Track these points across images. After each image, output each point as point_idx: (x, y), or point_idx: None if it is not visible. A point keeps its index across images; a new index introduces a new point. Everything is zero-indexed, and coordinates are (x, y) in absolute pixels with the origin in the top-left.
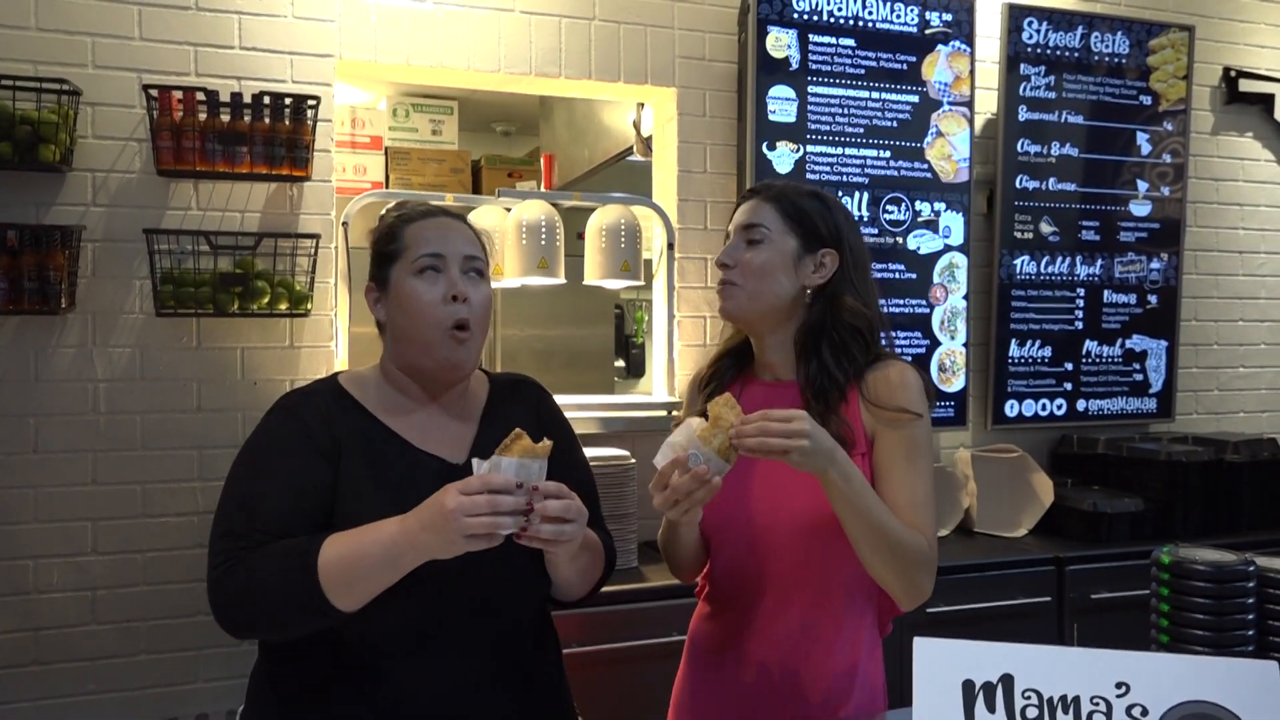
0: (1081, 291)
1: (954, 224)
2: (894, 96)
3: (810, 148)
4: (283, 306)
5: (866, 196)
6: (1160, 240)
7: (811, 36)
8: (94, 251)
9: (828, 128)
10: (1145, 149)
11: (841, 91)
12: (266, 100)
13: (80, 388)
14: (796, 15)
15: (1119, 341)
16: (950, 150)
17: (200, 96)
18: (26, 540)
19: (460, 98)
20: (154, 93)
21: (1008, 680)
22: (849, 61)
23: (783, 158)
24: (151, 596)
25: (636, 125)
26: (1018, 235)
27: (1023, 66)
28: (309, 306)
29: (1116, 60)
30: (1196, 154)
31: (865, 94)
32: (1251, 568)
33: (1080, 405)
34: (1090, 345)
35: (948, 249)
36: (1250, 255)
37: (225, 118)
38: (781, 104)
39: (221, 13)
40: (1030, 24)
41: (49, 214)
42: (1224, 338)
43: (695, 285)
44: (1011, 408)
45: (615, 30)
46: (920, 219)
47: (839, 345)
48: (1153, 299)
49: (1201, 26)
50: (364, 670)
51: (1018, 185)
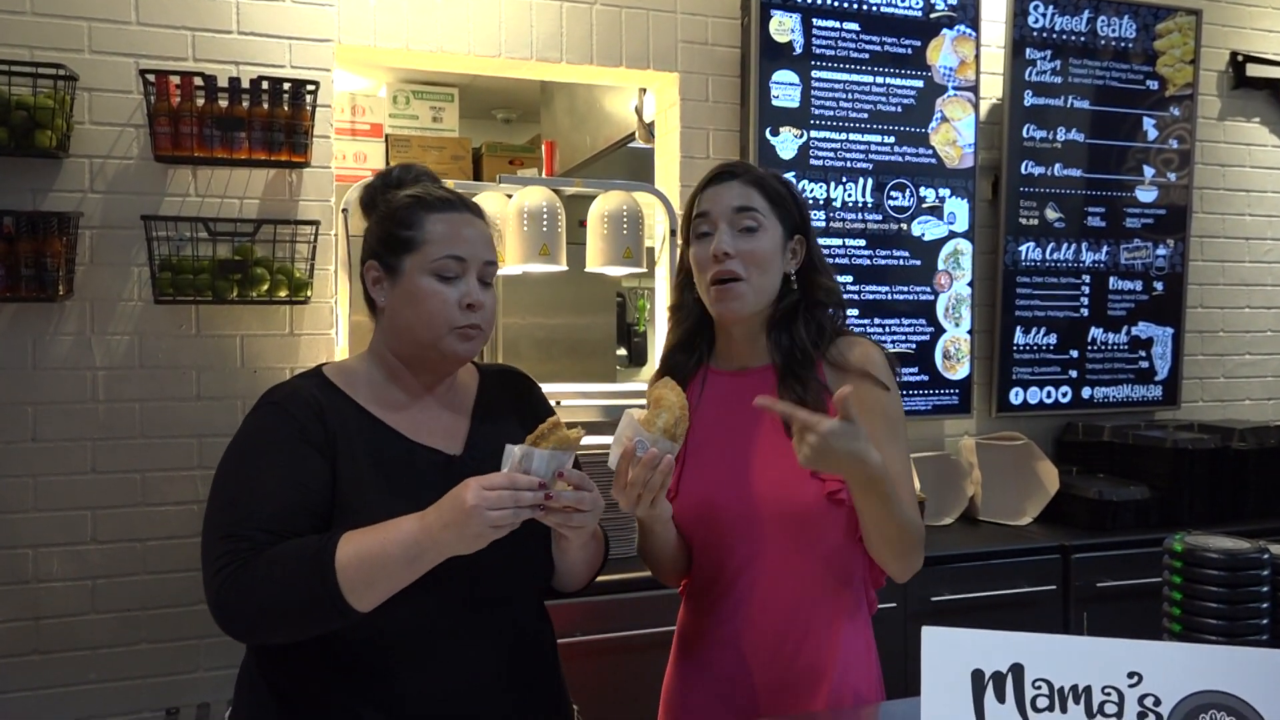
0: (1087, 278)
1: (959, 210)
2: (898, 81)
3: (814, 133)
4: (282, 293)
5: (870, 182)
6: (1166, 226)
7: (815, 20)
8: (92, 238)
9: (831, 113)
10: (1152, 134)
11: (845, 76)
12: (265, 85)
13: (79, 376)
14: None
15: (1124, 328)
16: (955, 135)
17: (198, 82)
18: (26, 529)
19: (461, 85)
20: (151, 78)
21: (1018, 670)
22: (853, 46)
23: (786, 143)
24: (152, 585)
25: (639, 111)
26: (1023, 221)
27: (1028, 51)
28: (309, 293)
29: (1123, 44)
30: (1203, 139)
31: (869, 79)
32: (1266, 555)
33: (1085, 393)
34: (1096, 332)
35: (952, 235)
36: (1257, 242)
37: (223, 103)
38: (785, 89)
39: None
40: (1036, 8)
41: (46, 200)
42: (1230, 325)
43: None
44: (1016, 395)
45: (617, 14)
46: (924, 205)
47: (812, 321)
48: (1159, 286)
49: (1209, 10)
50: (364, 667)
51: (1023, 171)
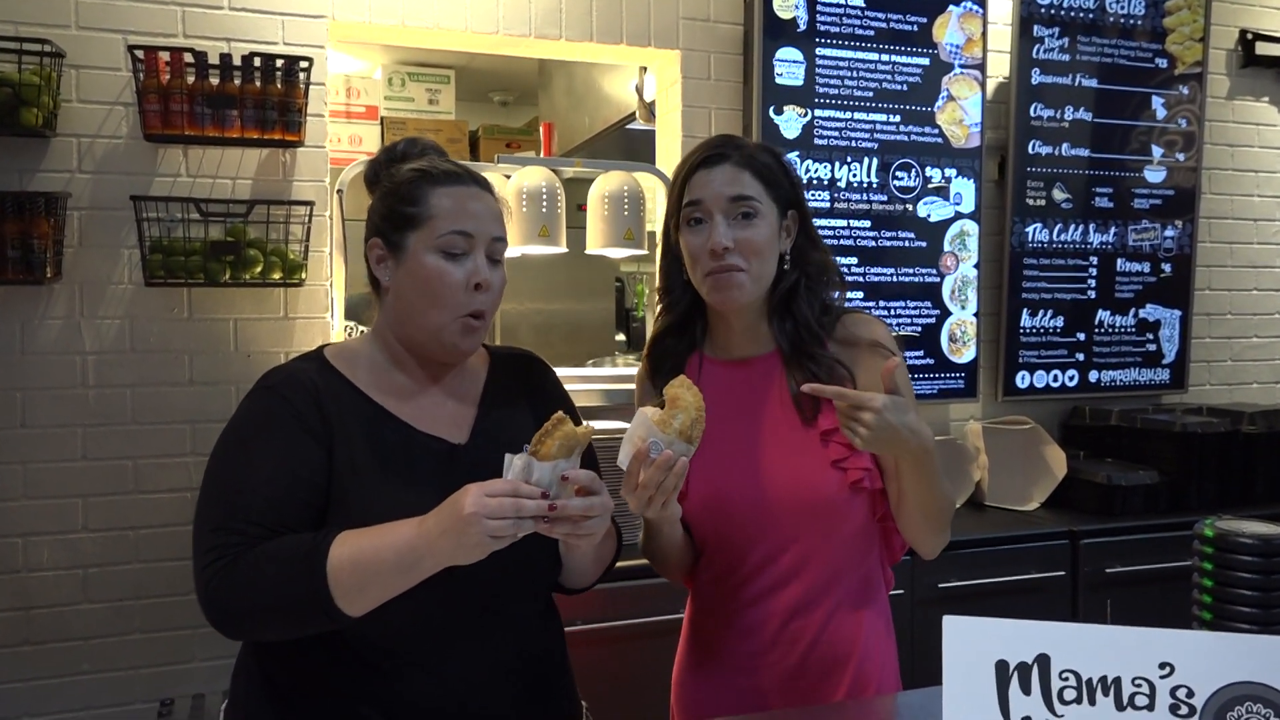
0: (1094, 260)
1: (965, 190)
2: (904, 59)
3: (818, 112)
4: (276, 276)
5: (876, 162)
6: (1174, 207)
7: None
8: (80, 220)
9: (836, 91)
10: (1160, 113)
11: (850, 54)
12: (257, 62)
13: (68, 360)
14: None
15: (1132, 311)
16: (961, 115)
17: (188, 58)
18: (16, 517)
19: (457, 66)
20: (140, 54)
21: (1043, 660)
22: (858, 23)
23: (790, 122)
24: (144, 574)
25: (639, 90)
26: (1030, 202)
27: (1036, 28)
28: (303, 276)
29: (1131, 21)
30: (1212, 119)
31: (875, 56)
32: None
33: (1092, 376)
34: (1103, 315)
35: (959, 216)
36: (1265, 223)
37: (214, 80)
38: (789, 67)
39: None
40: None
41: (33, 181)
42: (1238, 307)
43: None
44: (1023, 379)
45: None
46: (930, 185)
47: (815, 299)
48: (1166, 267)
49: None
50: (365, 665)
51: (1030, 151)
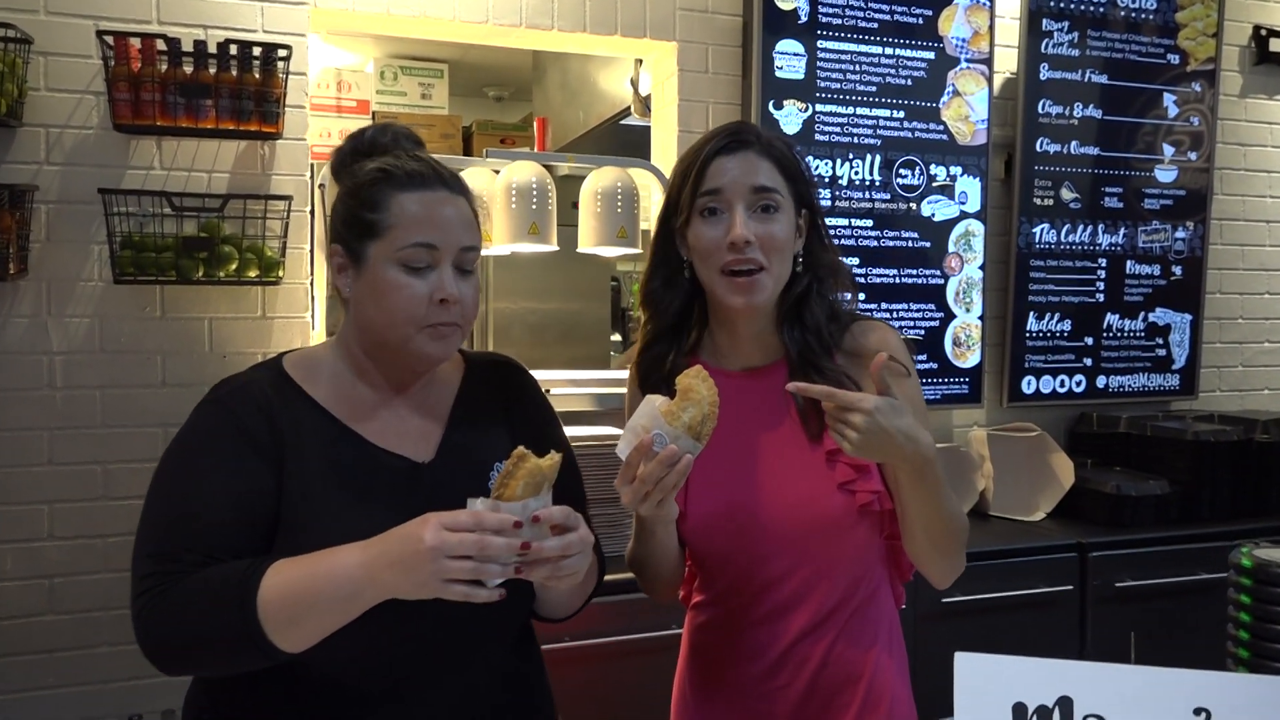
0: (1103, 262)
1: (970, 189)
2: (908, 53)
3: (819, 107)
4: (252, 274)
5: (879, 159)
6: (1185, 208)
7: None
8: (48, 214)
9: (838, 86)
10: (1172, 111)
11: (853, 47)
12: (233, 50)
13: (34, 360)
14: None
15: (1141, 315)
16: (967, 111)
17: (160, 46)
18: None
19: (451, 60)
20: (110, 40)
21: (1065, 704)
22: (861, 15)
23: (790, 117)
24: (113, 584)
25: (634, 83)
26: (1037, 202)
27: (1045, 22)
28: (280, 274)
29: (1143, 16)
30: (1224, 117)
31: (878, 50)
32: None
33: (1100, 382)
34: (1111, 319)
35: (964, 216)
36: (1278, 225)
37: (188, 68)
38: (789, 60)
39: None
40: None
41: None
42: (1250, 311)
43: None
44: (1029, 384)
45: None
46: (935, 184)
47: (823, 306)
48: (1177, 270)
49: None
50: (322, 704)
51: (1038, 148)
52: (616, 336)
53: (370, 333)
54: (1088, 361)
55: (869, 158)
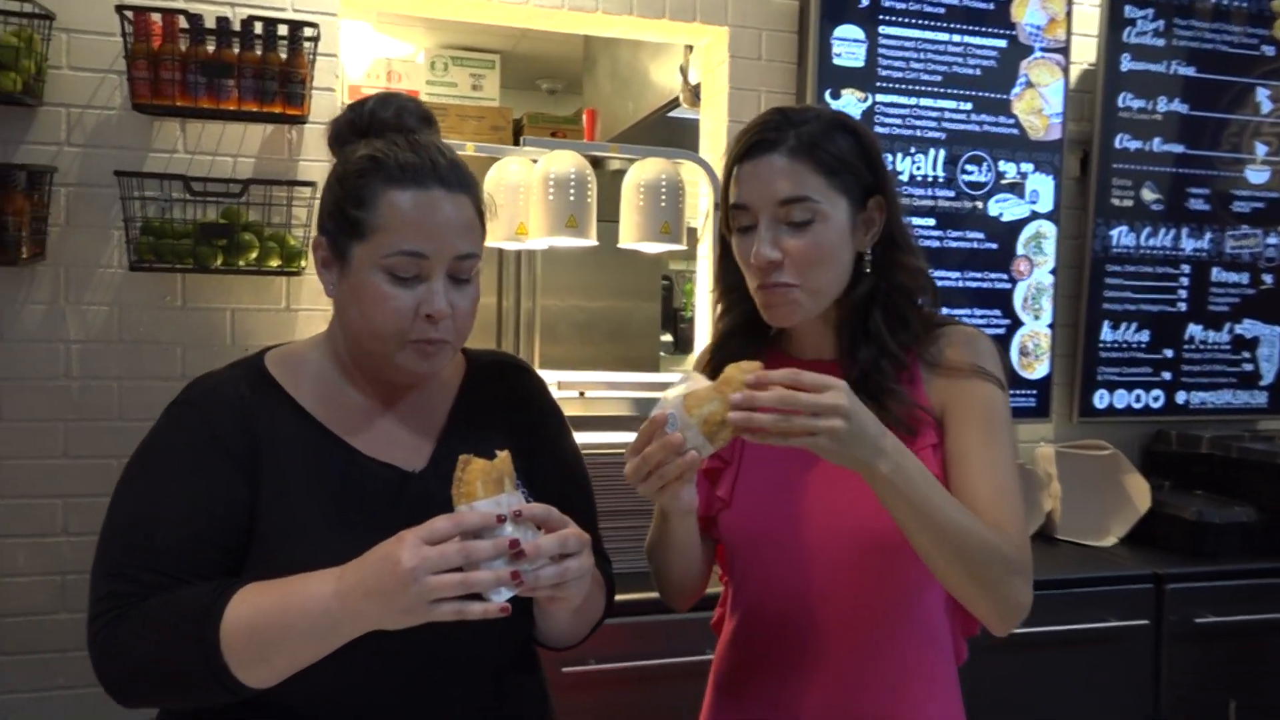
0: (1186, 268)
1: (1043, 188)
2: (978, 40)
3: (880, 97)
4: (273, 263)
5: (943, 154)
6: (1278, 213)
7: None
8: (68, 197)
9: (900, 74)
10: (1265, 107)
11: (917, 33)
12: (257, 28)
13: (51, 349)
14: None
15: (1227, 326)
16: (1041, 103)
17: (182, 23)
18: None
19: (503, 51)
20: (129, 14)
21: None
22: None
23: (848, 107)
24: None
25: (684, 71)
26: (1115, 203)
27: (1127, 9)
28: (304, 264)
29: (1235, 4)
30: None
31: (945, 36)
32: None
33: (1180, 397)
34: (1194, 330)
35: (1035, 216)
36: None
37: (210, 46)
38: (848, 46)
39: None
40: None
41: (17, 153)
42: None
43: None
44: (1102, 398)
45: None
46: (1004, 181)
47: (894, 314)
48: (1268, 279)
49: None
50: None
51: (1117, 145)
52: (667, 337)
53: (353, 338)
54: (1167, 375)
55: (932, 152)
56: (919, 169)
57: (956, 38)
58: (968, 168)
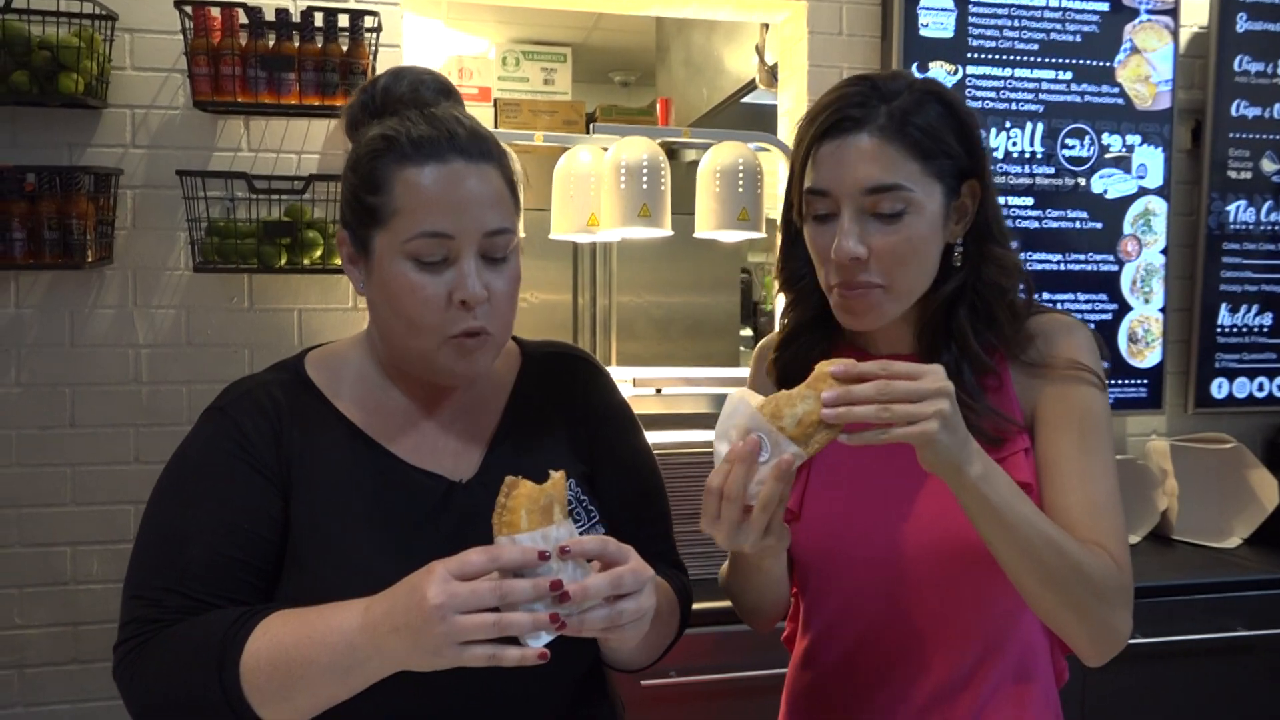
0: None
1: (1151, 161)
2: (1077, 4)
3: (971, 69)
4: (338, 261)
5: (1042, 128)
6: None
7: None
8: (134, 199)
9: (994, 44)
10: None
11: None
12: (317, 20)
13: (120, 354)
14: None
15: None
16: (1148, 70)
17: (242, 16)
18: (63, 524)
19: (574, 44)
20: (188, 10)
21: None
22: None
23: None
24: None
25: (760, 51)
26: (1232, 175)
27: None
28: None
29: None
30: None
31: (1041, 1)
32: None
33: None
34: None
35: (1143, 192)
36: None
37: (270, 40)
38: (936, 16)
39: None
40: None
41: (84, 156)
42: None
43: None
44: (1220, 387)
45: None
46: (1108, 155)
47: (981, 313)
48: None
49: None
50: None
51: (1233, 113)
52: (747, 331)
53: (389, 338)
54: None
55: (1029, 126)
56: (1015, 145)
57: (1054, 2)
58: (1068, 142)
